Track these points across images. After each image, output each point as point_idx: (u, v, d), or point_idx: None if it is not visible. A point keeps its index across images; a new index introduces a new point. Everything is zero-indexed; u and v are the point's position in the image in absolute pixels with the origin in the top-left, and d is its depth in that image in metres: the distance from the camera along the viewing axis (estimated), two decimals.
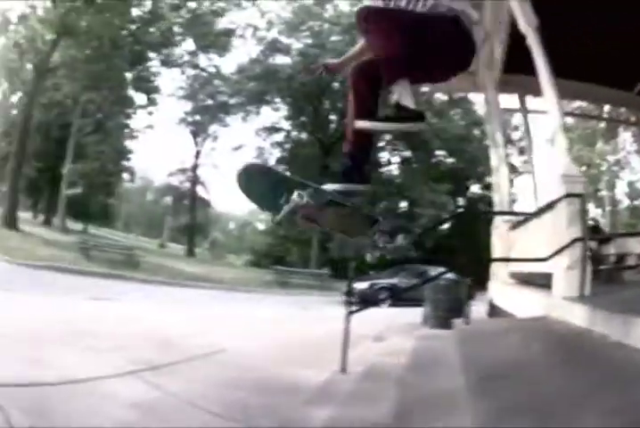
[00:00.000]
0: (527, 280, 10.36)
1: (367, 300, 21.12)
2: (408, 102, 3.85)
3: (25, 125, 37.82)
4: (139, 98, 55.93)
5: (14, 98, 49.58)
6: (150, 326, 9.96)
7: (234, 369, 7.09)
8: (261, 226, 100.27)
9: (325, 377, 6.79)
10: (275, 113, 59.04)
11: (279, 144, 59.70)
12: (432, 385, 5.30)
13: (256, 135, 59.52)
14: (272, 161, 57.23)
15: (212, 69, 57.15)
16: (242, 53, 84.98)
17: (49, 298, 11.89)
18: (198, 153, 64.13)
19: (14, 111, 48.58)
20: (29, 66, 40.08)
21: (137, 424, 4.54)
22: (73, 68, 36.95)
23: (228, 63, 76.59)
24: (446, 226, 46.70)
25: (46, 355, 6.34)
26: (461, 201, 58.69)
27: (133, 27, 44.01)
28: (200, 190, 67.43)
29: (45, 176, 54.51)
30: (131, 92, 54.59)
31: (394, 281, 27.47)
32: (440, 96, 50.85)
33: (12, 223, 35.40)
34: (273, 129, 58.34)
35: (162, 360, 7.02)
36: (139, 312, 11.77)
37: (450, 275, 13.93)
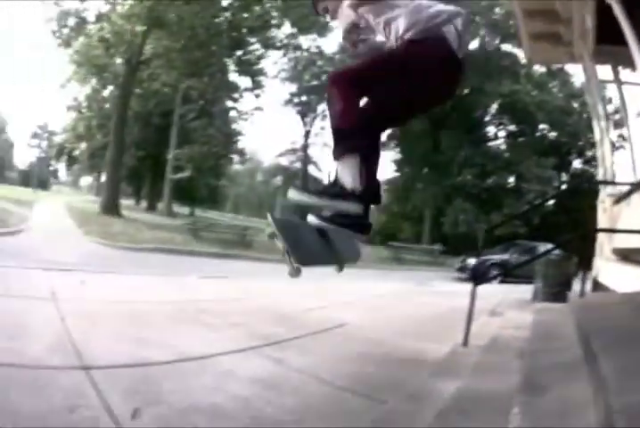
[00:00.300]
0: (628, 256, 10.13)
1: (478, 276, 20.68)
2: (348, 180, 3.86)
3: (121, 116, 38.30)
4: (244, 81, 56.26)
5: (106, 92, 50.48)
6: (268, 302, 9.91)
7: (356, 343, 6.98)
8: None
9: (447, 350, 6.51)
10: None
11: None
12: (555, 355, 4.98)
13: None
14: (383, 137, 57.17)
15: (314, 50, 57.11)
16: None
17: (159, 278, 11.79)
18: (307, 133, 65.66)
19: (107, 105, 49.41)
20: (118, 60, 40.55)
21: (260, 400, 4.44)
22: (169, 58, 36.81)
23: (330, 43, 75.56)
24: (551, 201, 45.67)
25: (160, 334, 6.26)
26: (564, 176, 57.59)
27: (227, 14, 43.47)
28: (311, 169, 67.46)
29: (146, 163, 55.88)
30: (234, 76, 54.83)
31: (505, 257, 27.23)
32: (539, 68, 49.45)
33: (113, 210, 35.69)
34: None
35: (283, 335, 6.94)
36: (255, 289, 11.71)
37: (558, 251, 13.61)
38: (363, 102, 3.97)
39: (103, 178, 53.02)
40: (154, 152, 54.68)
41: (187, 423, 3.92)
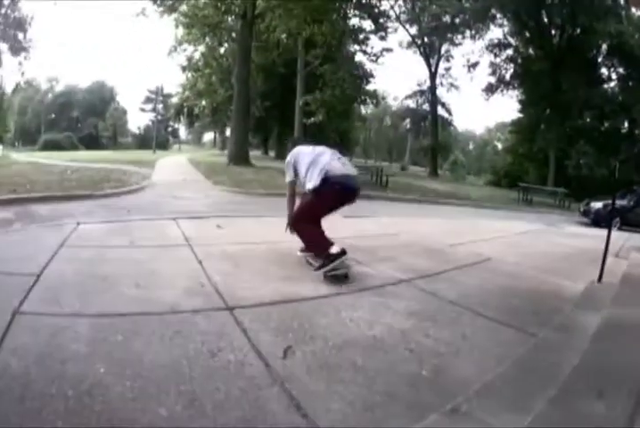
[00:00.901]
0: None
1: (600, 220, 22.04)
2: (334, 250, 6.02)
3: (243, 68, 37.20)
4: (367, 25, 55.02)
5: (221, 49, 50.57)
6: (412, 238, 9.91)
7: (501, 277, 7.13)
8: (500, 145, 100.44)
9: (585, 286, 6.84)
10: (501, 29, 57.62)
11: (511, 60, 57.77)
12: None
13: (488, 51, 58.19)
14: (507, 77, 57.70)
15: None
16: None
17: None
18: (433, 74, 64.61)
19: (225, 60, 49.44)
20: (229, 17, 39.64)
21: (417, 332, 4.53)
22: (286, 7, 36.02)
23: None
24: None
25: (306, 271, 6.27)
26: None
27: None
28: (439, 110, 67.46)
29: (273, 113, 56.05)
30: (356, 20, 53.44)
31: (624, 202, 26.30)
32: (635, 11, 47.41)
33: (242, 160, 35.19)
34: (502, 45, 56.81)
35: (433, 269, 7.07)
36: (397, 226, 11.54)
37: None
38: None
39: (228, 132, 54.74)
40: (280, 101, 54.94)
41: (343, 358, 3.90)
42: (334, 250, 5.94)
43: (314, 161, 6.52)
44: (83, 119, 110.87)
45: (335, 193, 6.35)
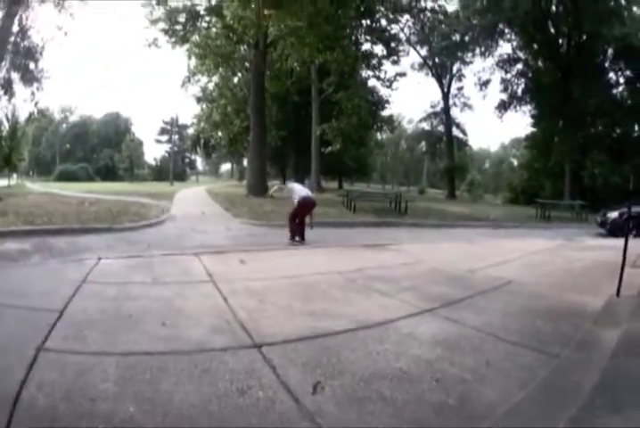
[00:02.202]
0: None
1: (616, 230, 21.61)
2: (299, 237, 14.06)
3: (258, 98, 37.63)
4: (379, 50, 55.63)
5: (235, 79, 50.42)
6: (434, 266, 9.98)
7: (522, 299, 7.28)
8: (515, 162, 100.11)
9: (604, 301, 7.01)
10: (510, 44, 57.87)
11: (522, 74, 57.85)
12: None
13: (498, 67, 58.42)
14: (519, 92, 57.77)
15: (438, 9, 55.82)
16: None
17: (318, 250, 11.85)
18: (446, 95, 64.91)
19: (240, 90, 49.27)
20: (242, 47, 40.27)
21: (443, 361, 4.59)
22: (298, 35, 36.13)
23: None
24: None
25: (333, 304, 6.45)
26: None
27: None
28: (454, 131, 67.60)
29: (289, 142, 55.83)
30: (368, 46, 53.99)
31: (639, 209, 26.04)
32: (637, 10, 47.58)
33: (260, 190, 34.10)
34: (512, 60, 56.91)
35: (455, 296, 7.16)
36: (418, 253, 11.66)
37: None
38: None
39: (245, 163, 54.91)
40: (295, 130, 54.99)
41: (372, 390, 3.92)
42: (297, 238, 13.60)
43: (300, 191, 14.05)
44: (98, 150, 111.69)
45: (306, 204, 13.76)
